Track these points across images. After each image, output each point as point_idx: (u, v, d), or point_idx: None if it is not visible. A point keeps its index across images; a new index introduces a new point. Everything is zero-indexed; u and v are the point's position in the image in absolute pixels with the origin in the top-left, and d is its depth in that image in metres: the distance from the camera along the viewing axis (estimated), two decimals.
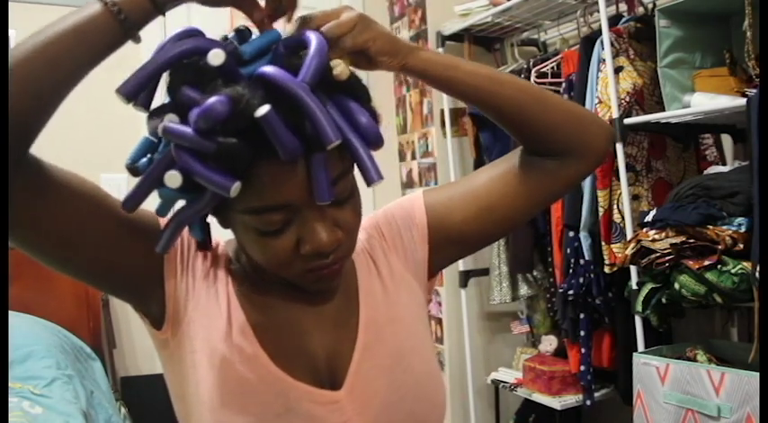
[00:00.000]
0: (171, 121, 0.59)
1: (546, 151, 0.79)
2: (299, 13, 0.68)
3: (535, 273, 2.32)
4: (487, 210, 0.80)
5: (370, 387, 0.73)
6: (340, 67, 0.62)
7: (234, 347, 0.70)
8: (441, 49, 2.47)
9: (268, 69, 0.59)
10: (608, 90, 1.79)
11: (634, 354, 1.66)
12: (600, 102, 1.84)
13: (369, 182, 0.64)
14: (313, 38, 0.61)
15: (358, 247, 0.80)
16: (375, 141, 0.64)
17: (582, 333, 2.02)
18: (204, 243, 0.71)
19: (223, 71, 0.59)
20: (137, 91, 0.60)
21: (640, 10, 1.98)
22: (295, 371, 0.71)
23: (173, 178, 0.60)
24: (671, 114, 1.67)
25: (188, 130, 0.58)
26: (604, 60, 1.82)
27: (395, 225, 0.83)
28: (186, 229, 0.70)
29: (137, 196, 0.62)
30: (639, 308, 1.67)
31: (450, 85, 0.75)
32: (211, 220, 0.71)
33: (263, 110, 0.57)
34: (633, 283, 1.73)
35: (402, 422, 0.74)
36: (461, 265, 2.47)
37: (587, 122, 0.80)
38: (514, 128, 0.78)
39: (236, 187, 0.59)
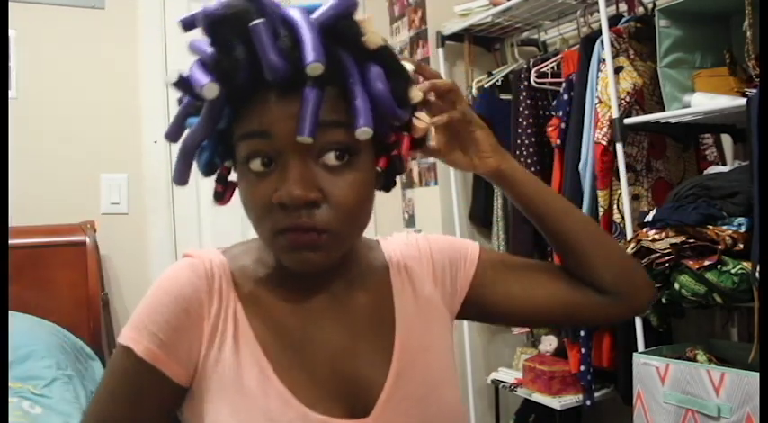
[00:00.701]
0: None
1: (587, 282, 0.82)
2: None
3: None
4: (530, 305, 0.82)
5: (399, 417, 0.70)
6: (371, 34, 0.63)
7: (252, 390, 0.66)
8: (441, 50, 2.47)
9: (288, 7, 0.62)
10: (608, 90, 1.79)
11: (634, 354, 1.66)
12: (600, 102, 1.84)
13: (355, 127, 0.62)
14: None
15: (397, 267, 0.79)
16: (381, 101, 0.63)
17: (582, 333, 2.02)
18: (219, 194, 0.71)
19: None
20: (193, 23, 0.64)
21: (640, 10, 1.98)
22: (320, 401, 0.67)
23: (170, 77, 0.64)
24: (671, 114, 1.67)
25: (202, 43, 0.62)
26: (604, 60, 1.82)
27: (444, 259, 0.82)
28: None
29: (173, 127, 0.66)
30: None
31: (529, 198, 0.80)
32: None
33: (256, 21, 0.59)
34: None
35: None
36: None
37: (635, 275, 0.84)
38: (565, 254, 0.83)
39: (209, 86, 0.60)
